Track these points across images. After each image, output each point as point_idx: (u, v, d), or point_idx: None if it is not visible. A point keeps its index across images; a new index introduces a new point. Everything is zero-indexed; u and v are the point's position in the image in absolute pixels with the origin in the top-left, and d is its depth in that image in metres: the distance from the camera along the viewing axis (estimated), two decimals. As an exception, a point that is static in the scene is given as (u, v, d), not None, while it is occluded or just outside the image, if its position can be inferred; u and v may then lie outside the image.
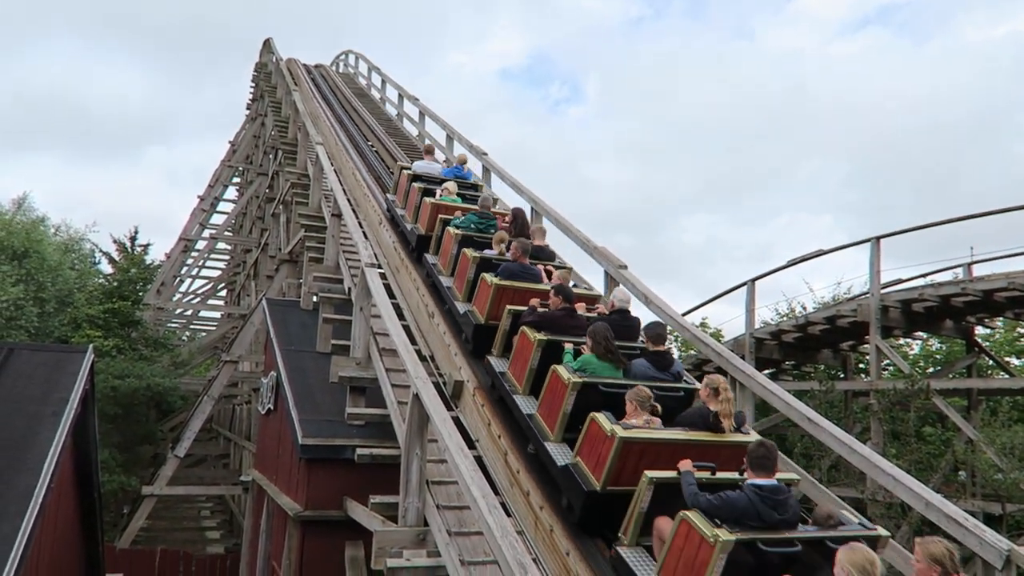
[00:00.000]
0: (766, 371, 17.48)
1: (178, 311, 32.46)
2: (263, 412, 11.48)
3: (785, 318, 19.52)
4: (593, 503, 5.19)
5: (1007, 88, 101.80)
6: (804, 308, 19.79)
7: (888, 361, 15.60)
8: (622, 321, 6.87)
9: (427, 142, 18.40)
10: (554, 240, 10.22)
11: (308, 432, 8.48)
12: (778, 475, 4.46)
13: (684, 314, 15.21)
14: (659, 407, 5.55)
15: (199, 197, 29.22)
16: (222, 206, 30.82)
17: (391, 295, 9.14)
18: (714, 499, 4.24)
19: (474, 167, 13.87)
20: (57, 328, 21.30)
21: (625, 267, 8.67)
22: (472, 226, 9.43)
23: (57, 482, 8.11)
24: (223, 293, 34.66)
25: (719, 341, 16.04)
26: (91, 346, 10.69)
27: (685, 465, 4.64)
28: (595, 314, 7.32)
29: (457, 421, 6.76)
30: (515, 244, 8.22)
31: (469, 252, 8.45)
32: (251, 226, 27.41)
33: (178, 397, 21.85)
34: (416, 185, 11.21)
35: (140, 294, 23.25)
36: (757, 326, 17.06)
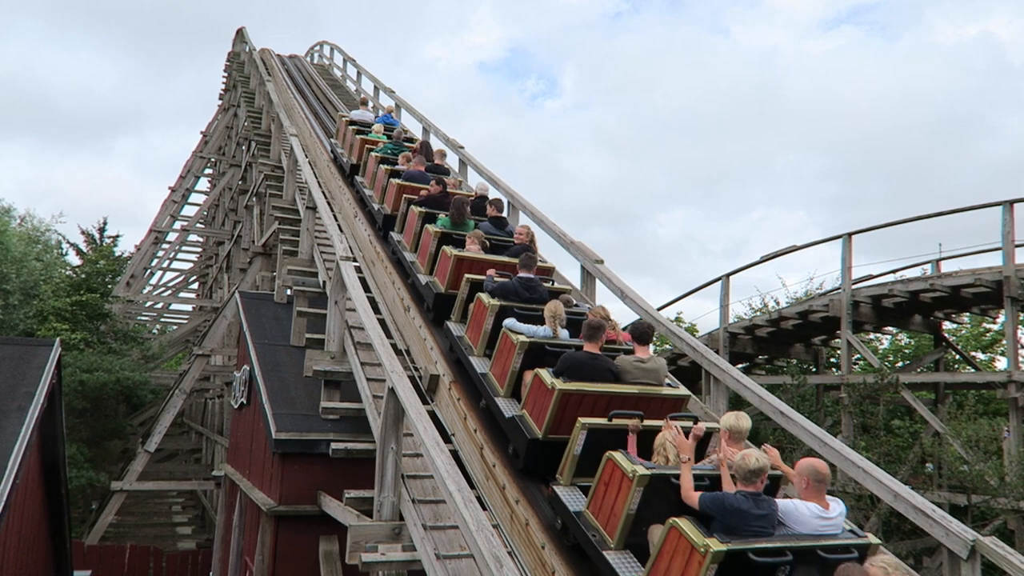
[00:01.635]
0: (740, 365, 17.67)
1: (148, 304, 31.93)
2: (236, 406, 11.36)
3: (759, 313, 19.74)
4: (439, 302, 8.06)
5: (980, 86, 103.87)
6: (777, 303, 20.05)
7: (859, 355, 15.86)
8: (479, 203, 10.00)
9: (362, 95, 20.72)
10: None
11: (282, 426, 8.40)
12: (556, 285, 8.01)
13: (659, 309, 15.29)
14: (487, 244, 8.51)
15: (170, 188, 28.71)
16: (194, 197, 30.38)
17: (366, 289, 9.15)
18: (495, 286, 7.14)
19: (451, 160, 13.86)
20: (22, 321, 20.87)
21: (601, 262, 8.71)
22: (389, 151, 12.51)
23: (23, 478, 7.97)
24: (195, 286, 34.19)
25: (694, 336, 16.18)
26: (58, 339, 10.48)
27: (490, 272, 7.62)
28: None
29: (433, 415, 6.80)
30: (415, 159, 11.62)
31: (384, 167, 11.36)
32: (224, 218, 27.02)
33: (148, 391, 21.53)
34: (351, 128, 13.99)
35: (109, 286, 22.79)
36: (731, 321, 17.23)
